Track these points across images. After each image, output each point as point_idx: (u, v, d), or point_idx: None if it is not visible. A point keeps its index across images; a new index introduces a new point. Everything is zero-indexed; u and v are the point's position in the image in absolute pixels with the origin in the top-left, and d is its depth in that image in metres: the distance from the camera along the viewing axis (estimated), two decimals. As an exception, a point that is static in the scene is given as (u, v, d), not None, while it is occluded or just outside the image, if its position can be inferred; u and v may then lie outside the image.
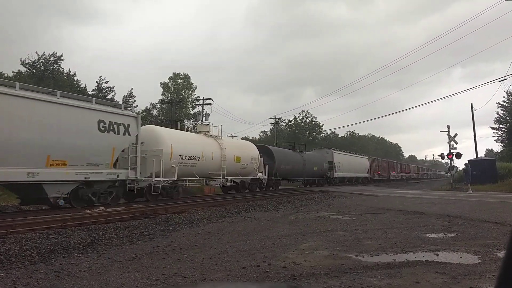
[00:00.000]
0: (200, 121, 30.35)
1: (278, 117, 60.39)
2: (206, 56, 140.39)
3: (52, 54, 37.44)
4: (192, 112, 48.41)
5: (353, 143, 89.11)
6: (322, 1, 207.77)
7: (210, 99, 41.72)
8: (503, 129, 41.92)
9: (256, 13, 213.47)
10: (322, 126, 73.53)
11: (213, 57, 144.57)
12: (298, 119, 71.98)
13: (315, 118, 72.62)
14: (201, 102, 42.80)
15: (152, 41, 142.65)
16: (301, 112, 72.24)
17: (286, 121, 72.25)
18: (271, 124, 59.41)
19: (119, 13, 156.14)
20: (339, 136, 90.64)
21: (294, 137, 50.49)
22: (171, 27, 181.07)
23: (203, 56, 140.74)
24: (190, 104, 50.05)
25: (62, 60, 37.98)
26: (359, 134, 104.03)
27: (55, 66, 37.64)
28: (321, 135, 74.16)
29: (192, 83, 51.76)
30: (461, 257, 5.04)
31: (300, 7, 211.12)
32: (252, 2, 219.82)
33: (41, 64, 36.72)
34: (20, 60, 36.12)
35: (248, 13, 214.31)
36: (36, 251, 6.15)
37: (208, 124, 22.98)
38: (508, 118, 40.75)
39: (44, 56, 36.86)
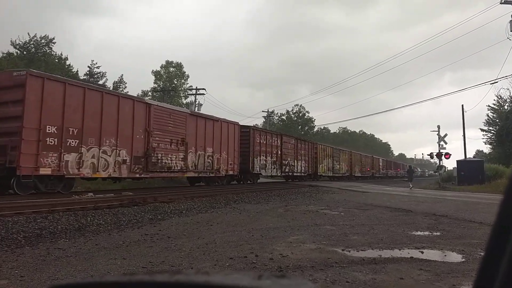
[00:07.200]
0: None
1: (271, 110, 60.41)
2: (208, 51, 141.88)
3: (44, 36, 36.62)
4: (184, 102, 48.10)
5: (345, 139, 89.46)
6: (319, 8, 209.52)
7: (203, 89, 41.52)
8: (492, 131, 42.37)
9: (257, 14, 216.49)
10: (314, 121, 73.54)
11: (214, 53, 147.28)
12: (291, 113, 71.83)
13: (308, 112, 72.59)
14: (193, 92, 42.56)
15: (157, 35, 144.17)
16: (295, 105, 72.12)
17: (279, 114, 72.11)
18: (264, 117, 59.40)
19: (128, 9, 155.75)
20: (331, 132, 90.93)
21: (286, 131, 50.31)
22: (176, 23, 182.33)
23: (205, 52, 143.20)
24: (183, 93, 49.67)
25: (54, 43, 37.06)
26: (351, 131, 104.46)
27: (47, 49, 36.87)
28: (313, 131, 74.13)
29: (185, 72, 51.29)
30: (445, 255, 5.13)
31: (298, 12, 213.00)
32: (254, 4, 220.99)
33: (32, 46, 35.93)
34: (11, 40, 35.28)
35: (251, 15, 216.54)
36: (23, 235, 6.11)
37: None
38: (497, 120, 41.19)
39: (35, 38, 36.07)
